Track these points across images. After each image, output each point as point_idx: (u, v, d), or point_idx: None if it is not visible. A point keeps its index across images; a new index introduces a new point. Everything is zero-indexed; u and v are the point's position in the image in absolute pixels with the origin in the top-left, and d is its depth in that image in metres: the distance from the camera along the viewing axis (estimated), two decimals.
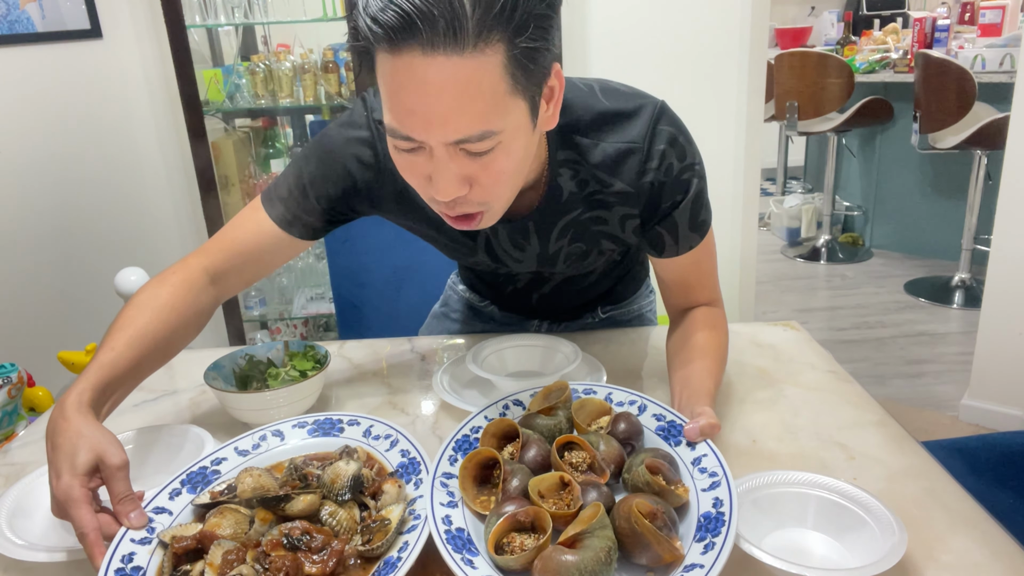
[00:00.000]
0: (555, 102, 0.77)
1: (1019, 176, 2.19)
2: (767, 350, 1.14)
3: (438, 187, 0.73)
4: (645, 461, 0.72)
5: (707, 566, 0.62)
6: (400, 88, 0.67)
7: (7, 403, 1.86)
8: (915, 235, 3.98)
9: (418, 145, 0.71)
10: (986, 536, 0.72)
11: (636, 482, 0.72)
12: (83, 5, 2.32)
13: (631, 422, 0.81)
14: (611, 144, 0.88)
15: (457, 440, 0.80)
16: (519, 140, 0.73)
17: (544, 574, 0.61)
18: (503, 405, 0.87)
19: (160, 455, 0.88)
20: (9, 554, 0.72)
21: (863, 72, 3.78)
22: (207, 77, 2.39)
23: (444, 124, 0.68)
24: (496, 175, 0.74)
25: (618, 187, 0.90)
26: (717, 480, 0.72)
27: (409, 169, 0.76)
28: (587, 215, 0.94)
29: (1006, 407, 2.37)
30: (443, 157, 0.71)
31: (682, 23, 2.35)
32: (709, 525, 0.67)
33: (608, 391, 0.89)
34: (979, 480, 1.17)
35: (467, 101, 0.67)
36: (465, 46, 0.64)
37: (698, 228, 0.95)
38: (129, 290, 1.85)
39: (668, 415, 0.84)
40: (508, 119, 0.70)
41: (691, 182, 0.90)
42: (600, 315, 1.26)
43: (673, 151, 0.88)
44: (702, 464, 0.76)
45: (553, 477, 0.71)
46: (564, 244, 0.98)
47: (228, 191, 2.47)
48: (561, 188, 0.91)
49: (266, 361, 1.04)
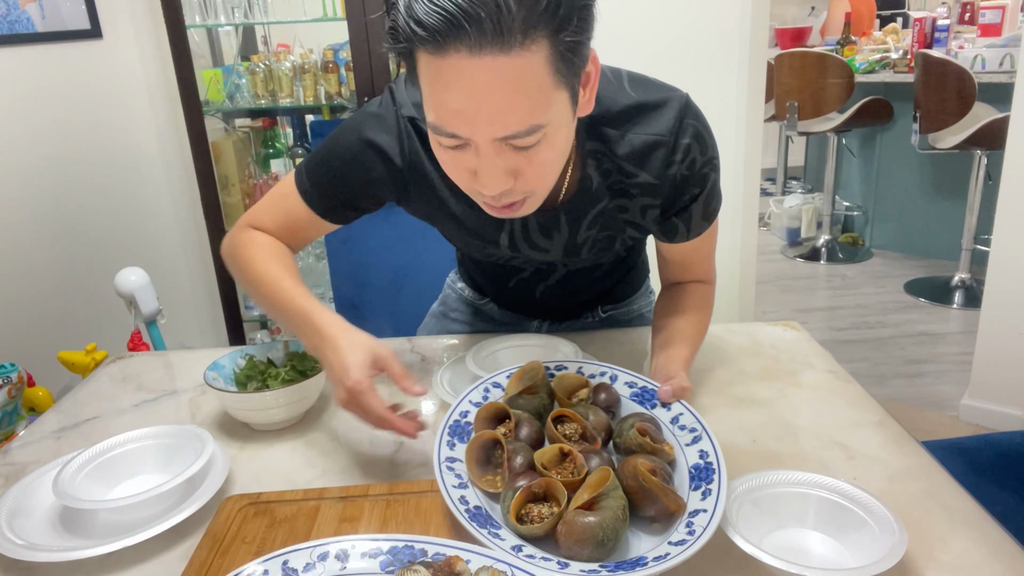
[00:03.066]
0: (591, 87, 0.77)
1: (1019, 176, 2.19)
2: (767, 350, 1.14)
3: (485, 182, 0.74)
4: (635, 425, 0.78)
5: (709, 510, 0.69)
6: (447, 89, 0.67)
7: (7, 403, 1.86)
8: (915, 235, 3.98)
9: (464, 142, 0.72)
10: (986, 536, 0.72)
11: (629, 445, 0.77)
12: (83, 5, 2.32)
13: (610, 391, 0.87)
14: (638, 136, 0.89)
15: (450, 427, 0.81)
16: (563, 130, 0.74)
17: (571, 536, 0.66)
18: (484, 389, 0.88)
19: (160, 455, 0.88)
20: (9, 554, 0.72)
21: (863, 72, 3.78)
22: (207, 77, 2.39)
23: (492, 123, 0.69)
24: (540, 166, 0.75)
25: (643, 179, 0.91)
26: (698, 434, 0.80)
27: (452, 164, 0.77)
28: (612, 204, 0.95)
29: (1006, 407, 2.37)
30: (489, 153, 0.72)
31: (682, 23, 2.35)
32: (701, 474, 0.75)
33: (579, 365, 0.92)
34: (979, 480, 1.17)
35: (515, 99, 0.67)
36: (512, 45, 0.64)
37: (709, 217, 0.98)
38: (129, 290, 1.84)
39: (640, 382, 0.89)
40: (552, 112, 0.71)
41: (709, 176, 0.93)
42: (600, 314, 1.26)
43: (697, 146, 0.90)
44: (680, 422, 0.83)
45: (553, 449, 0.75)
46: (593, 233, 0.99)
47: (228, 191, 2.47)
48: (591, 178, 0.92)
49: (266, 361, 1.04)
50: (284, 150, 2.64)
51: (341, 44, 2.42)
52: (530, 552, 0.66)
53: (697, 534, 0.67)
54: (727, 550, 0.71)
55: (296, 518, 0.77)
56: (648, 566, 0.64)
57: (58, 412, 1.08)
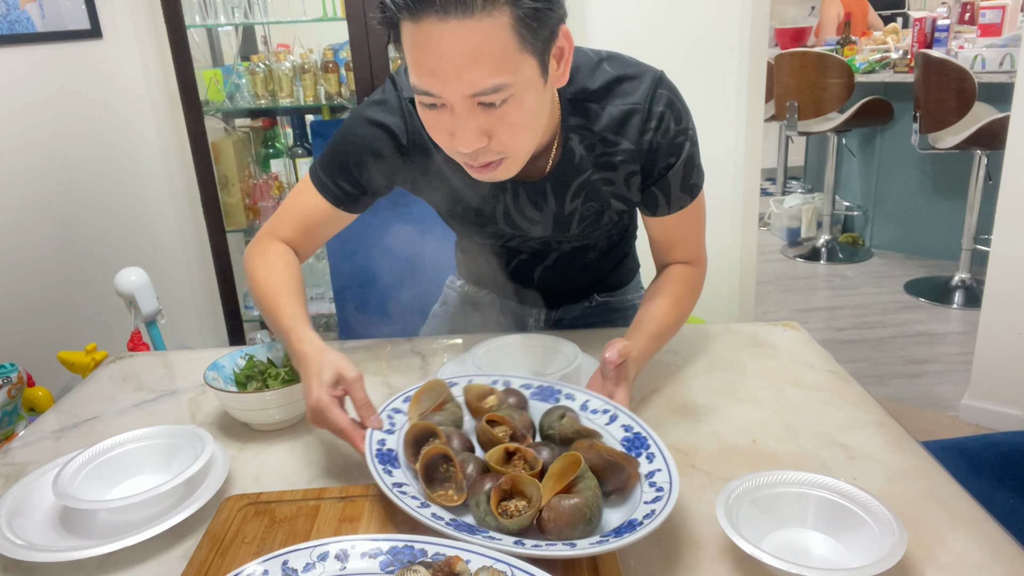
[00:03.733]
0: (565, 61, 0.85)
1: (1019, 176, 2.19)
2: (767, 350, 1.14)
3: (460, 139, 0.82)
4: (565, 415, 0.83)
5: (664, 468, 0.75)
6: (421, 51, 0.76)
7: (7, 403, 1.86)
8: (915, 235, 3.98)
9: (440, 102, 0.80)
10: (986, 536, 0.72)
11: (566, 433, 0.81)
12: (83, 5, 2.32)
13: (518, 394, 0.91)
14: (616, 107, 0.95)
15: (377, 457, 0.79)
16: (530, 93, 0.81)
17: (560, 520, 0.69)
18: (387, 416, 0.86)
19: (160, 455, 0.88)
20: (9, 554, 0.72)
21: (863, 72, 3.78)
22: (207, 77, 2.39)
23: (460, 79, 0.76)
24: (511, 126, 0.82)
25: (624, 146, 0.97)
26: (613, 414, 0.85)
27: (434, 126, 0.84)
28: (596, 176, 1.00)
29: (1006, 407, 2.37)
30: (462, 112, 0.80)
31: (682, 23, 2.35)
32: (635, 443, 0.80)
33: (468, 378, 0.94)
34: (979, 480, 1.17)
35: (479, 59, 0.75)
36: (475, 10, 0.73)
37: (689, 190, 1.02)
38: (129, 290, 1.84)
39: (535, 382, 0.94)
40: (518, 74, 0.78)
41: (684, 145, 0.97)
42: (597, 299, 1.29)
43: (671, 114, 0.95)
44: (590, 407, 0.87)
45: (499, 451, 0.78)
46: (578, 204, 1.03)
47: (228, 191, 2.47)
48: (573, 151, 0.98)
49: (266, 361, 1.04)
50: (284, 150, 2.64)
51: (341, 44, 2.42)
52: (535, 542, 0.67)
53: (667, 490, 0.72)
54: (727, 550, 0.71)
55: (296, 518, 0.77)
56: (644, 525, 0.67)
57: (58, 412, 1.08)
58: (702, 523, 0.75)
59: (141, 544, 0.74)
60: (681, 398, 1.01)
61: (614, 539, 0.67)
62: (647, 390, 1.04)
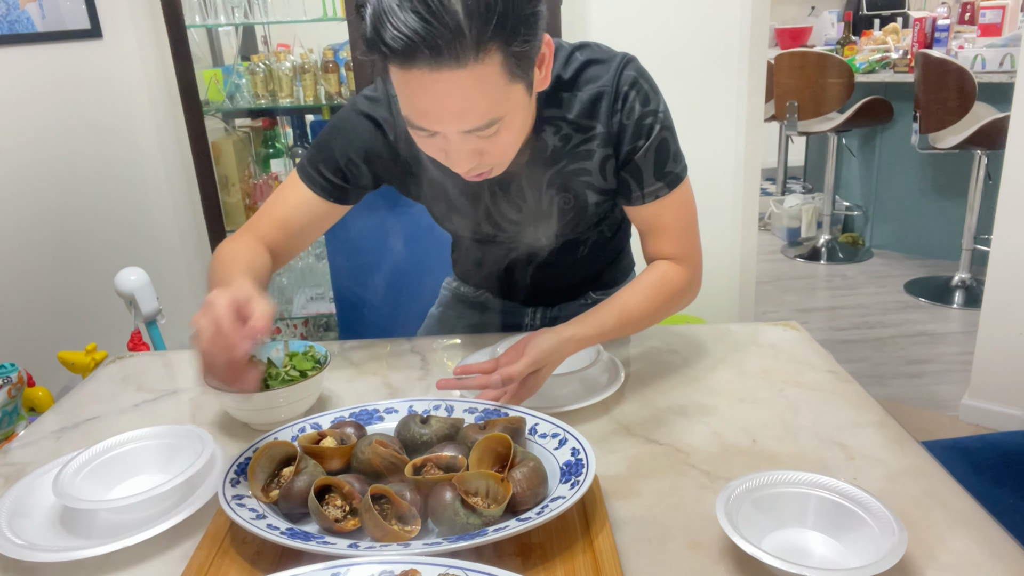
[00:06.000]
0: (546, 65, 0.87)
1: (1019, 176, 2.19)
2: (767, 350, 1.14)
3: (454, 162, 0.86)
4: (428, 418, 0.84)
5: (567, 496, 0.72)
6: (413, 94, 0.78)
7: (7, 403, 1.86)
8: (915, 235, 3.98)
9: (434, 132, 0.82)
10: (986, 536, 0.72)
11: (443, 431, 0.83)
12: (83, 5, 2.32)
13: (348, 424, 0.87)
14: (586, 92, 0.96)
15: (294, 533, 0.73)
16: (520, 113, 0.85)
17: (531, 487, 0.73)
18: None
19: (160, 455, 0.88)
20: (9, 554, 0.72)
21: (863, 72, 3.77)
22: (207, 77, 2.39)
23: (454, 121, 0.79)
24: (503, 145, 0.86)
25: (597, 130, 0.98)
26: (562, 437, 0.83)
27: (426, 146, 0.87)
28: (571, 167, 1.01)
29: (1006, 407, 2.37)
30: (456, 141, 0.82)
31: (682, 23, 2.35)
32: (572, 469, 0.78)
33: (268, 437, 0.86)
34: (979, 480, 1.17)
35: (472, 102, 0.77)
36: (467, 61, 0.73)
37: (664, 178, 1.00)
38: (129, 290, 1.84)
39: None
40: (510, 103, 0.81)
41: (653, 127, 0.96)
42: (593, 297, 1.29)
43: (636, 95, 0.95)
44: (540, 431, 0.85)
45: (410, 467, 0.77)
46: (553, 194, 1.04)
47: (228, 191, 2.47)
48: (546, 143, 0.99)
49: (266, 361, 1.04)
50: (284, 150, 2.64)
51: (341, 44, 2.42)
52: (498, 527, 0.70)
53: (552, 508, 0.71)
54: (727, 550, 0.71)
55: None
56: (530, 519, 0.70)
57: (58, 412, 1.08)
58: (702, 523, 0.75)
59: (141, 544, 0.74)
60: (681, 398, 1.01)
61: (514, 524, 0.69)
62: (647, 390, 1.04)
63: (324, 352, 1.04)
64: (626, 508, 0.79)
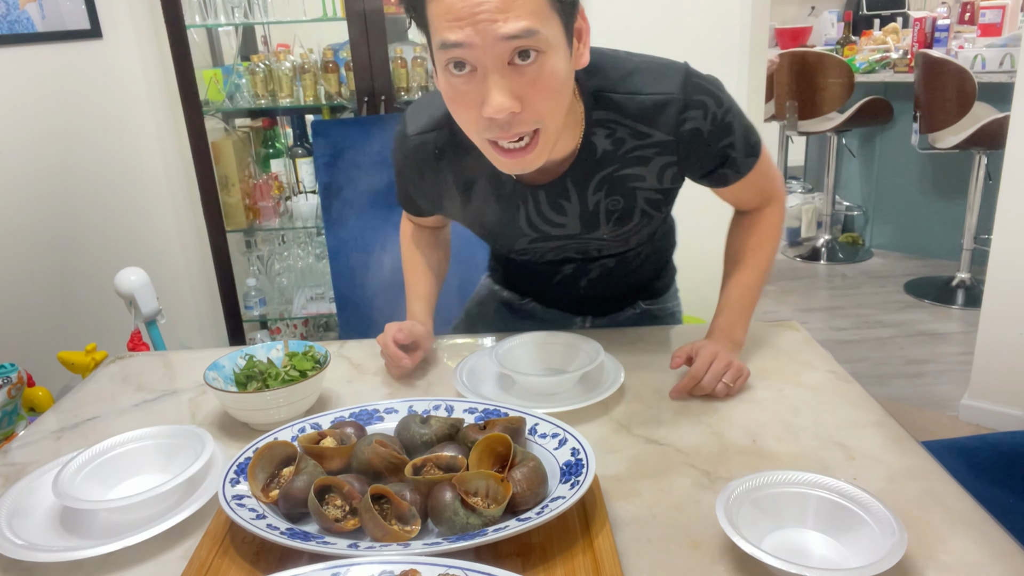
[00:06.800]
0: (584, 42, 0.87)
1: (1019, 176, 2.19)
2: (767, 350, 1.14)
3: (492, 103, 0.79)
4: (428, 418, 0.85)
5: (567, 496, 0.72)
6: (450, 4, 0.75)
7: (7, 403, 1.86)
8: (915, 235, 3.98)
9: (470, 63, 0.78)
10: (986, 536, 0.72)
11: (442, 431, 0.83)
12: (83, 5, 2.32)
13: (349, 425, 0.87)
14: (648, 97, 0.94)
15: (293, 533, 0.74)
16: (559, 56, 0.80)
17: (531, 487, 0.73)
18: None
19: (160, 455, 0.88)
20: (9, 554, 0.72)
21: (863, 72, 3.77)
22: (207, 77, 2.39)
23: (493, 21, 0.75)
24: (543, 89, 0.80)
25: (657, 137, 0.96)
26: (562, 437, 0.83)
27: (461, 100, 0.82)
28: (622, 172, 1.00)
29: (1006, 407, 2.37)
30: (494, 73, 0.78)
31: (682, 23, 2.35)
32: (572, 469, 0.78)
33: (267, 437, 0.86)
34: (979, 480, 1.17)
35: (512, 1, 0.75)
36: None
37: (752, 152, 1.02)
38: (129, 290, 1.84)
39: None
40: (548, 28, 0.78)
41: (732, 124, 0.98)
42: (641, 306, 1.30)
43: (712, 100, 0.96)
44: (540, 431, 0.85)
45: (409, 467, 0.77)
46: (601, 198, 1.02)
47: (228, 191, 2.46)
48: (595, 146, 0.98)
49: (266, 361, 1.04)
50: (284, 150, 2.64)
51: (341, 44, 2.42)
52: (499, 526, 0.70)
53: (552, 508, 0.71)
54: (727, 550, 0.71)
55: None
56: (529, 519, 0.70)
57: (58, 412, 1.08)
58: (702, 523, 0.75)
59: (141, 544, 0.74)
60: (681, 398, 1.01)
61: (514, 523, 0.69)
62: (647, 390, 1.04)
63: (324, 352, 1.04)
64: (626, 508, 0.79)
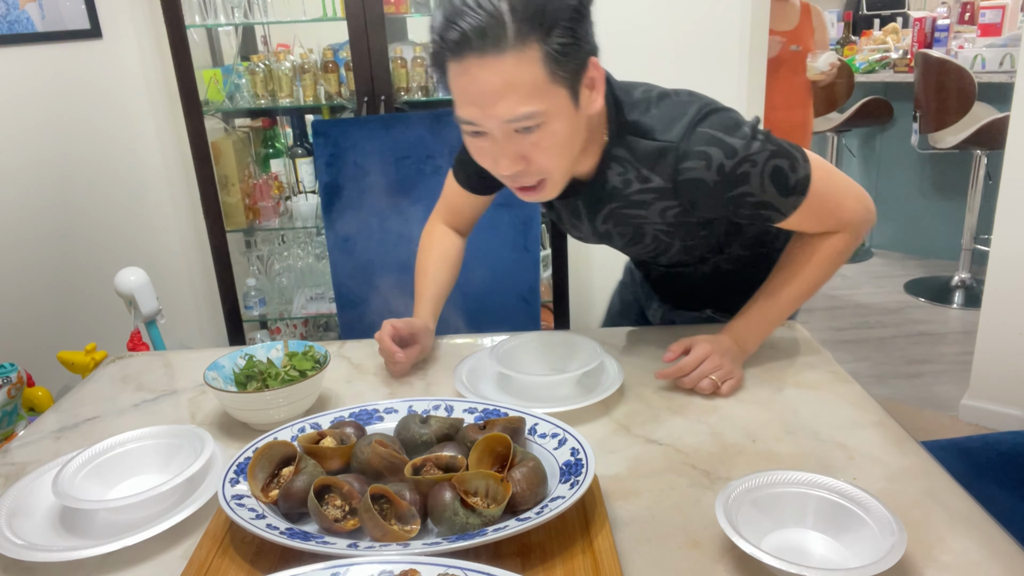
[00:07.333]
0: (597, 90, 0.92)
1: (1019, 176, 2.19)
2: (767, 350, 1.14)
3: (500, 164, 0.91)
4: (427, 418, 0.86)
5: (567, 496, 0.72)
6: (464, 86, 0.86)
7: (7, 403, 1.86)
8: (915, 235, 3.98)
9: (482, 130, 0.89)
10: (986, 536, 0.72)
11: (442, 430, 0.84)
12: (83, 5, 2.32)
13: (349, 425, 0.88)
14: (653, 143, 0.98)
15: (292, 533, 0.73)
16: (562, 121, 0.89)
17: (530, 487, 0.73)
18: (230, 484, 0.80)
19: (160, 455, 0.88)
20: (9, 554, 0.72)
21: (863, 72, 3.77)
22: (207, 77, 2.38)
23: (495, 108, 0.86)
24: (546, 150, 0.90)
25: (656, 183, 1.00)
26: (561, 437, 0.83)
27: (479, 154, 0.94)
28: (625, 210, 1.05)
29: (1006, 407, 2.37)
30: (501, 138, 0.89)
31: (682, 23, 2.35)
32: (571, 469, 0.78)
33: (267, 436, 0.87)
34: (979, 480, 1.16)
35: (512, 89, 0.84)
36: (508, 49, 0.83)
37: (792, 192, 0.97)
38: (129, 290, 1.84)
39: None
40: (550, 103, 0.86)
41: (749, 174, 0.94)
42: (708, 313, 1.29)
43: (720, 151, 0.93)
44: (540, 431, 0.85)
45: (409, 467, 0.77)
46: (611, 227, 1.09)
47: (228, 191, 2.46)
48: (607, 180, 1.03)
49: (266, 361, 1.04)
50: (284, 150, 2.64)
51: (341, 44, 2.41)
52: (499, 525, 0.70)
53: (552, 508, 0.71)
54: (727, 550, 0.71)
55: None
56: (529, 519, 0.70)
57: (58, 412, 1.08)
58: (702, 523, 0.75)
59: (141, 544, 0.74)
60: (681, 398, 1.01)
61: (514, 523, 0.69)
62: (647, 390, 1.04)
63: (324, 352, 1.04)
64: (626, 508, 0.79)
